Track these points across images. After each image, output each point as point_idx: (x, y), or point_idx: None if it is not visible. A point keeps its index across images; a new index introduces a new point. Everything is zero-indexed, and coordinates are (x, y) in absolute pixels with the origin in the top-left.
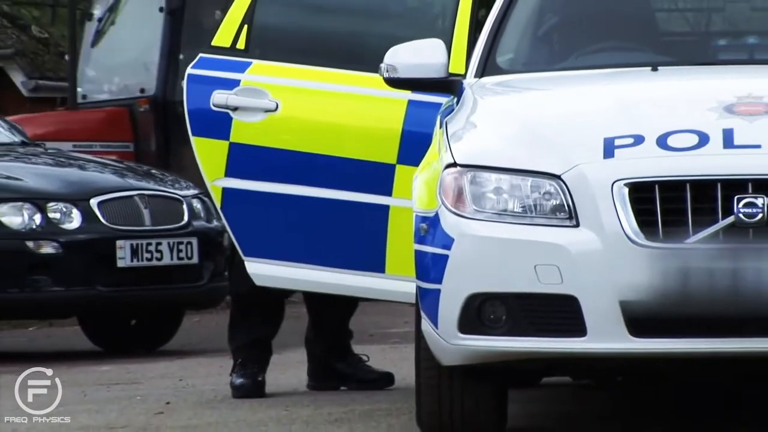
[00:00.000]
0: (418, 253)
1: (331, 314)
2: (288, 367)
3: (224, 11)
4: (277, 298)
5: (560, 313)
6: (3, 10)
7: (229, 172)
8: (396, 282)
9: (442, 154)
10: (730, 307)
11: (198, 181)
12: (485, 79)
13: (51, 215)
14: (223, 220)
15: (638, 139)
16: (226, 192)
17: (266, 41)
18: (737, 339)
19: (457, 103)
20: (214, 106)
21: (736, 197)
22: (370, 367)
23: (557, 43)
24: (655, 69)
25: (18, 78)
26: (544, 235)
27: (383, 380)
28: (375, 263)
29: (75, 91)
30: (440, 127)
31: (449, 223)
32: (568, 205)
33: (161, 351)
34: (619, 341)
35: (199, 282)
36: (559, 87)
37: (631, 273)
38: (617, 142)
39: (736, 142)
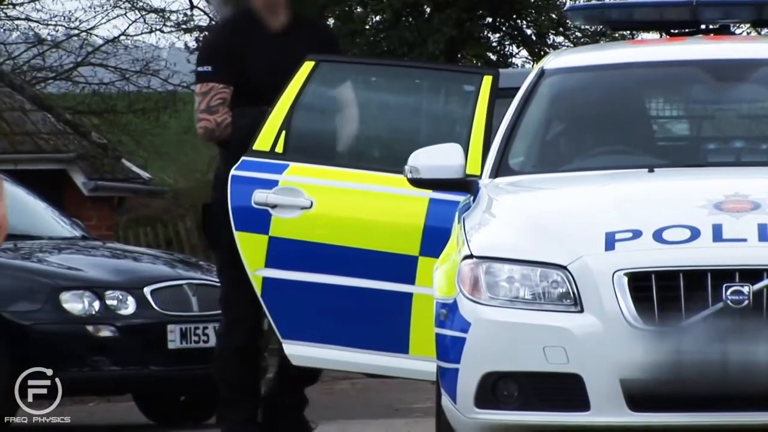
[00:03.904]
0: (438, 335)
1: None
2: None
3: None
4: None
5: (566, 389)
6: (66, 118)
7: (269, 263)
8: (419, 362)
9: (460, 247)
10: (719, 384)
11: None
12: (499, 180)
13: (108, 302)
14: (263, 306)
15: (636, 234)
16: (266, 281)
17: (302, 146)
18: (726, 413)
19: (474, 200)
20: (255, 204)
21: (724, 285)
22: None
23: (563, 147)
24: (651, 170)
25: (79, 179)
26: (551, 319)
27: None
28: (400, 345)
29: None
30: (458, 223)
31: (466, 308)
32: (574, 293)
33: (207, 424)
34: (620, 415)
35: None
36: (565, 186)
37: (630, 353)
38: (617, 236)
39: (725, 236)
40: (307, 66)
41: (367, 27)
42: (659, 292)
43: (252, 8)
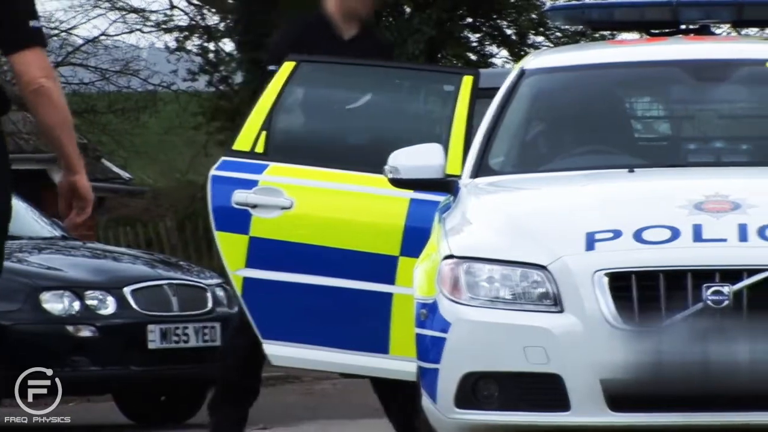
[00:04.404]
0: (418, 336)
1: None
2: None
3: None
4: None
5: (547, 389)
6: None
7: (249, 263)
8: (399, 362)
9: (440, 247)
10: (700, 384)
11: (221, 271)
12: (479, 180)
13: (88, 302)
14: (243, 307)
15: (616, 234)
16: (246, 281)
17: (282, 146)
18: (707, 413)
19: (454, 201)
20: (235, 204)
21: (704, 285)
22: None
23: (543, 147)
24: (631, 170)
25: (59, 178)
26: (532, 319)
27: None
28: (380, 345)
29: None
30: (438, 223)
31: (446, 309)
32: (554, 293)
33: (188, 424)
34: (600, 415)
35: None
36: (545, 186)
37: (610, 353)
38: (597, 236)
39: (705, 236)
40: (288, 66)
41: None
42: (639, 292)
43: (325, 13)
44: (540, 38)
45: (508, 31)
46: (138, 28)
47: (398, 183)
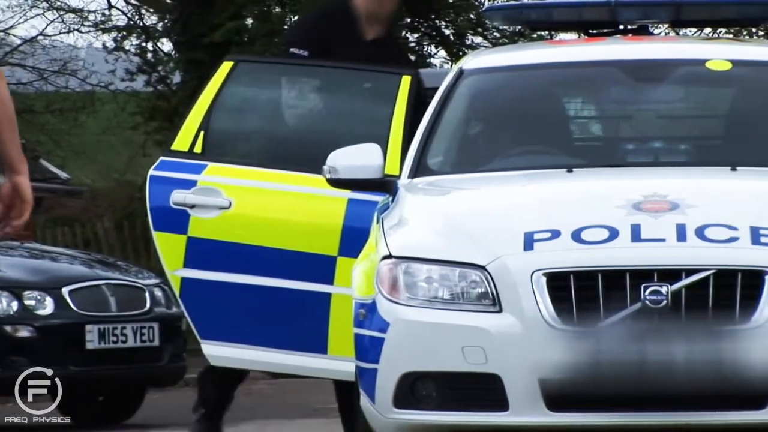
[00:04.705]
0: (357, 336)
1: None
2: None
3: None
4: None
5: (485, 389)
6: None
7: (187, 263)
8: (337, 362)
9: (378, 247)
10: (637, 384)
11: (159, 271)
12: (417, 180)
13: (27, 302)
14: (182, 307)
15: (555, 234)
16: (185, 281)
17: (220, 146)
18: (644, 413)
19: (393, 201)
20: (174, 204)
21: (643, 285)
22: None
23: (482, 147)
24: (570, 170)
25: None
26: (470, 319)
27: None
28: (318, 345)
29: None
30: (377, 223)
31: (385, 309)
32: (492, 293)
33: (126, 424)
34: (538, 415)
35: (160, 362)
36: (484, 186)
37: (548, 353)
38: (536, 236)
39: (643, 236)
40: (226, 66)
41: (285, 27)
42: (578, 292)
43: (351, 9)
44: (478, 38)
45: (447, 31)
46: (76, 28)
47: (336, 183)
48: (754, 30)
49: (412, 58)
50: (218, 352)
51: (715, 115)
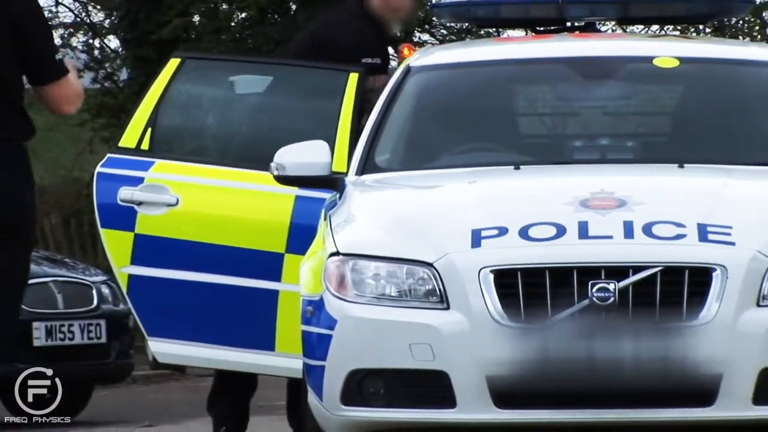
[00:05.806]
0: (304, 333)
1: None
2: None
3: None
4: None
5: (433, 386)
6: None
7: (134, 261)
8: (285, 359)
9: (326, 244)
10: (585, 381)
11: (107, 268)
12: (365, 177)
13: None
14: (129, 304)
15: (502, 231)
16: (132, 278)
17: (167, 143)
18: (592, 410)
19: (340, 198)
20: (121, 201)
21: (590, 282)
22: None
23: (429, 145)
24: (517, 168)
25: None
26: (418, 316)
27: None
28: (266, 342)
29: None
30: (324, 220)
31: (333, 306)
32: (440, 290)
33: (73, 422)
34: (486, 412)
35: (107, 359)
36: (432, 183)
37: (496, 350)
38: (483, 233)
39: (590, 233)
40: (173, 63)
41: (233, 24)
42: (525, 290)
43: (372, 7)
44: (426, 35)
45: None
46: None
47: (284, 180)
48: (701, 27)
49: None
50: (165, 350)
51: (663, 112)
